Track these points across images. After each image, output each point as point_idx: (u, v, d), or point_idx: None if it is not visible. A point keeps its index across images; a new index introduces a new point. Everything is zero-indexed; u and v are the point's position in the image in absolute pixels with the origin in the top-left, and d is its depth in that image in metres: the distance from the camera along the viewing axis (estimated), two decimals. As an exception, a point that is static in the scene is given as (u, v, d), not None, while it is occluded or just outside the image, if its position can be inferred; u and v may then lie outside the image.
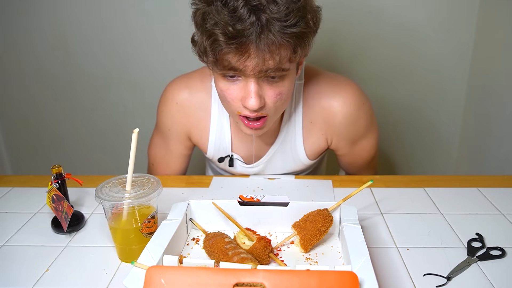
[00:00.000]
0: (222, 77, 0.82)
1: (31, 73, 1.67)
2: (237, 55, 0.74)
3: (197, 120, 1.03)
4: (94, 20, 1.56)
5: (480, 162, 1.53)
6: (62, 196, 0.80)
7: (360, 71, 1.58)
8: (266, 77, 0.79)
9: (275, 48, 0.74)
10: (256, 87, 0.79)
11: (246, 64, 0.75)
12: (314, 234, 0.72)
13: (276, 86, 0.81)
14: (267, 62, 0.75)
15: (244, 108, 0.82)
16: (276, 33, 0.72)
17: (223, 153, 1.04)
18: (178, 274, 0.54)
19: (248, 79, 0.79)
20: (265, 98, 0.81)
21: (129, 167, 0.72)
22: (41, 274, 0.70)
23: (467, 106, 1.61)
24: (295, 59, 0.78)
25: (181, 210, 0.77)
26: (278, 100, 0.83)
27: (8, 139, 1.82)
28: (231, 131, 1.02)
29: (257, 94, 0.79)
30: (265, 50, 0.73)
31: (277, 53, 0.75)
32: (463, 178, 1.03)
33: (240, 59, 0.75)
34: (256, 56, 0.74)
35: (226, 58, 0.76)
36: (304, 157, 1.03)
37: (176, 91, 1.02)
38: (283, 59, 0.76)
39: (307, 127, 1.00)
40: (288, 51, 0.76)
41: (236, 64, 0.76)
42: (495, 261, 0.71)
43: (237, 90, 0.81)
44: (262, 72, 0.77)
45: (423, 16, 1.50)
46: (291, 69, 0.81)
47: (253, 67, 0.75)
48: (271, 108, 0.83)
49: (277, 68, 0.77)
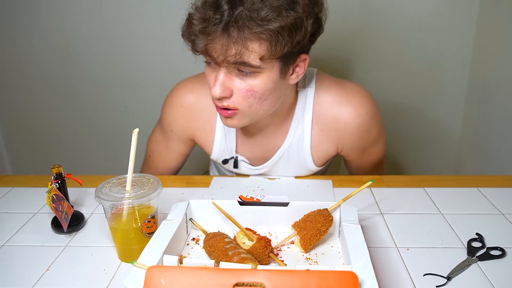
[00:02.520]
0: (206, 65, 0.85)
1: (31, 73, 1.67)
2: (204, 37, 0.77)
3: (202, 123, 1.03)
4: (95, 20, 1.56)
5: (480, 162, 1.53)
6: (62, 196, 0.80)
7: (360, 71, 1.59)
8: (235, 70, 0.80)
9: (240, 40, 0.75)
10: (222, 77, 0.80)
11: (213, 48, 0.77)
12: (314, 234, 0.72)
13: (246, 81, 0.80)
14: (229, 51, 0.76)
15: None
16: (244, 26, 0.73)
17: (227, 155, 1.04)
18: (178, 274, 0.54)
19: (219, 68, 0.80)
20: (233, 90, 0.82)
21: (129, 167, 0.72)
22: (41, 274, 0.70)
23: (467, 106, 1.61)
24: (265, 57, 0.77)
25: (181, 210, 0.77)
26: (250, 97, 0.82)
27: (8, 139, 1.82)
28: (237, 133, 1.02)
29: (221, 84, 0.80)
30: (229, 39, 0.75)
31: (241, 45, 0.75)
32: (463, 178, 1.03)
33: (207, 42, 0.77)
34: (219, 42, 0.76)
35: (199, 42, 0.78)
36: (311, 164, 1.02)
37: (182, 94, 1.03)
38: (247, 54, 0.76)
39: (317, 135, 0.99)
40: (258, 48, 0.76)
41: (206, 48, 0.78)
42: (495, 261, 0.71)
43: (212, 78, 0.83)
44: (227, 62, 0.78)
45: (423, 16, 1.50)
46: (265, 68, 0.79)
47: (219, 53, 0.77)
48: (240, 103, 0.83)
49: (240, 62, 0.77)
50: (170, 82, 1.08)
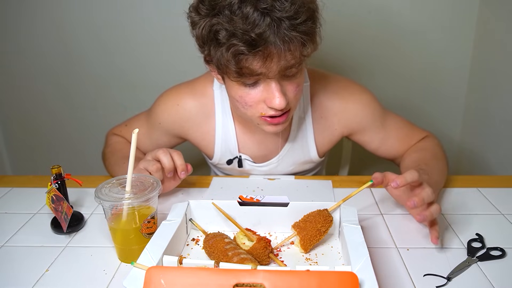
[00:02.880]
0: (239, 84, 0.81)
1: (31, 74, 1.67)
2: (261, 60, 0.74)
3: (197, 124, 1.03)
4: (95, 21, 1.56)
5: (480, 162, 1.53)
6: (61, 196, 0.80)
7: (359, 71, 1.58)
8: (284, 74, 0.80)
9: (292, 45, 0.74)
10: (278, 86, 0.80)
11: (271, 67, 0.76)
12: (314, 234, 0.72)
13: (294, 81, 0.83)
14: (288, 60, 0.76)
15: (269, 109, 0.83)
16: (288, 30, 0.73)
17: (230, 155, 1.05)
18: (178, 274, 0.54)
19: (269, 80, 0.79)
20: (287, 93, 0.82)
21: (129, 168, 0.72)
22: (41, 274, 0.70)
23: (467, 106, 1.61)
24: (308, 53, 0.79)
25: (181, 210, 0.77)
26: (298, 92, 0.85)
27: (8, 139, 1.82)
28: (237, 133, 1.02)
29: (281, 93, 0.80)
30: (285, 48, 0.74)
31: (294, 49, 0.75)
32: (463, 178, 1.03)
33: (265, 63, 0.75)
34: (278, 57, 0.75)
35: (250, 65, 0.75)
36: (314, 154, 1.05)
37: (179, 95, 1.03)
38: (300, 54, 0.77)
39: (319, 124, 1.02)
40: (302, 46, 0.77)
41: (261, 69, 0.76)
42: (495, 262, 0.71)
43: (258, 94, 0.82)
44: (283, 71, 0.78)
45: (423, 16, 1.50)
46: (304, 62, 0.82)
47: (277, 69, 0.76)
48: (292, 101, 0.85)
49: (296, 64, 0.78)
50: (169, 83, 1.08)
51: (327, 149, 1.07)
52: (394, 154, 1.06)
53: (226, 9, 0.72)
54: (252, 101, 0.83)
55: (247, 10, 0.71)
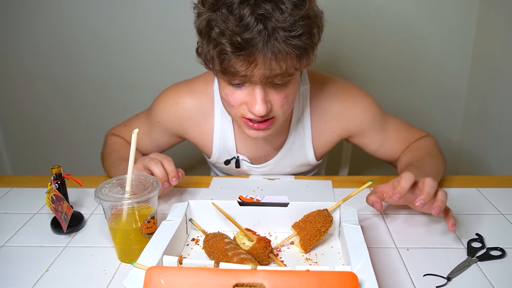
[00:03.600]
0: (227, 83, 0.82)
1: (31, 74, 1.67)
2: (245, 64, 0.74)
3: (196, 123, 1.03)
4: (95, 21, 1.56)
5: (480, 162, 1.53)
6: (61, 196, 0.80)
7: (360, 72, 1.58)
8: (271, 82, 0.79)
9: (282, 56, 0.74)
10: (262, 93, 0.79)
11: (254, 73, 0.75)
12: (314, 234, 0.72)
13: (282, 91, 0.82)
14: (273, 70, 0.75)
15: (249, 112, 0.83)
16: (282, 42, 0.72)
17: (227, 155, 1.05)
18: (178, 274, 0.54)
19: (254, 85, 0.79)
20: (272, 102, 0.82)
21: (129, 168, 0.72)
22: (40, 274, 0.70)
23: (467, 106, 1.61)
24: (301, 66, 0.78)
25: (180, 210, 0.77)
26: (285, 104, 0.84)
27: (8, 139, 1.82)
28: (235, 133, 1.02)
29: (264, 100, 0.80)
30: (272, 58, 0.73)
31: (283, 61, 0.75)
32: (463, 178, 1.03)
33: (248, 68, 0.75)
34: (263, 64, 0.74)
35: (233, 66, 0.76)
36: (312, 157, 1.04)
37: (178, 94, 1.03)
38: (289, 67, 0.76)
39: (317, 127, 1.02)
40: (293, 59, 0.76)
41: (243, 73, 0.76)
42: (495, 262, 0.71)
43: (242, 95, 0.82)
44: (268, 79, 0.77)
45: (423, 17, 1.50)
46: (296, 74, 0.82)
47: (260, 75, 0.76)
48: (277, 111, 0.84)
49: (283, 74, 0.77)
50: (168, 83, 1.08)
51: (325, 152, 1.07)
52: (393, 156, 1.06)
53: (226, 7, 0.72)
54: (235, 102, 0.83)
55: (243, 12, 0.71)
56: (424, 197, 0.72)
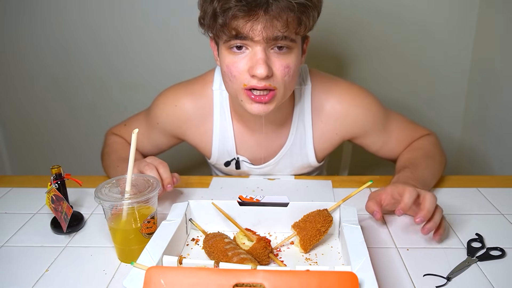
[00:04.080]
0: (228, 52, 0.82)
1: (31, 74, 1.67)
2: (246, 17, 0.75)
3: (195, 125, 1.03)
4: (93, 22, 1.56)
5: (480, 162, 1.53)
6: (61, 196, 0.80)
7: (360, 71, 1.58)
8: (272, 48, 0.80)
9: (283, 12, 0.75)
10: (263, 54, 0.79)
11: (254, 28, 0.76)
12: (314, 234, 0.72)
13: (283, 58, 0.81)
14: (275, 26, 0.76)
15: (251, 79, 0.81)
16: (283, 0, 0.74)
17: (227, 156, 1.04)
18: (177, 274, 0.54)
19: (255, 47, 0.79)
20: (273, 69, 0.81)
21: (128, 168, 0.72)
22: (40, 274, 0.70)
23: (467, 106, 1.61)
24: (300, 30, 0.79)
25: (180, 210, 0.77)
26: (286, 74, 0.83)
27: (8, 139, 1.82)
28: (235, 134, 1.02)
29: (265, 62, 0.79)
30: (273, 14, 0.75)
31: (284, 18, 0.76)
32: (463, 178, 1.03)
33: (248, 22, 0.76)
34: (264, 19, 0.75)
35: (235, 22, 0.77)
36: (313, 159, 1.04)
37: (177, 96, 1.02)
38: (290, 27, 0.77)
39: (318, 128, 1.01)
40: (294, 20, 0.77)
41: (244, 28, 0.77)
42: (495, 262, 0.71)
43: (244, 62, 0.81)
44: (269, 39, 0.78)
45: (423, 17, 1.50)
46: (297, 42, 0.82)
47: (261, 30, 0.76)
48: (279, 82, 0.83)
49: (284, 37, 0.78)
50: (168, 83, 1.08)
51: (326, 153, 1.06)
52: (395, 155, 1.06)
53: None
54: (237, 71, 0.82)
55: None
56: (424, 214, 0.73)
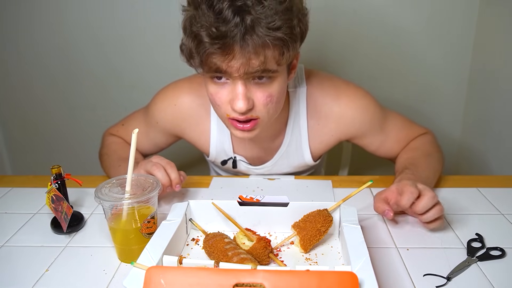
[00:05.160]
0: (211, 81, 0.82)
1: (31, 74, 1.67)
2: (222, 56, 0.74)
3: (194, 123, 1.03)
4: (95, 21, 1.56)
5: (480, 162, 1.53)
6: (61, 196, 0.80)
7: (359, 72, 1.58)
8: (253, 79, 0.79)
9: (260, 48, 0.74)
10: (243, 89, 0.78)
11: (231, 65, 0.75)
12: (314, 234, 0.72)
13: (265, 89, 0.81)
14: (252, 62, 0.75)
15: (233, 111, 0.82)
16: (260, 34, 0.72)
17: (224, 155, 1.05)
18: (178, 274, 0.54)
19: (235, 81, 0.79)
20: (254, 100, 0.81)
21: (128, 168, 0.72)
22: (40, 274, 0.70)
23: (467, 106, 1.61)
24: (281, 61, 0.78)
25: (180, 210, 0.77)
26: (269, 103, 0.82)
27: (8, 139, 1.82)
28: (231, 134, 1.02)
29: (245, 96, 0.79)
30: (250, 50, 0.73)
31: (262, 54, 0.74)
32: (463, 178, 1.03)
33: (225, 60, 0.75)
34: (240, 56, 0.74)
35: (211, 59, 0.76)
36: (309, 159, 1.04)
37: (176, 94, 1.02)
38: (268, 60, 0.76)
39: (314, 129, 1.00)
40: (274, 53, 0.76)
41: (221, 65, 0.76)
42: (495, 261, 0.71)
43: (225, 93, 0.81)
44: (248, 74, 0.76)
45: (423, 17, 1.50)
46: (279, 71, 0.80)
47: (238, 68, 0.75)
48: (261, 111, 0.83)
49: (263, 70, 0.76)
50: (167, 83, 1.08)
51: (322, 153, 1.06)
52: (393, 155, 1.06)
53: (206, 3, 0.73)
54: (219, 100, 0.82)
55: (222, 6, 0.71)
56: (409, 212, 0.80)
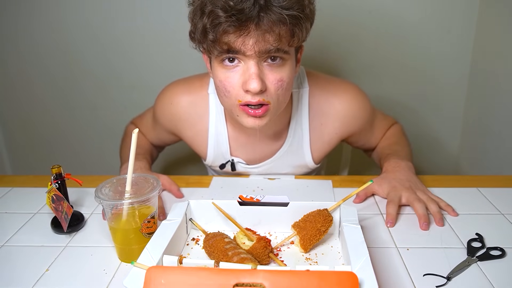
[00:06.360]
0: (221, 67, 0.81)
1: (31, 74, 1.67)
2: (237, 32, 0.74)
3: (191, 124, 1.03)
4: (93, 21, 1.56)
5: (480, 162, 1.53)
6: (62, 196, 0.80)
7: (359, 71, 1.58)
8: (265, 61, 0.79)
9: (275, 25, 0.74)
10: (256, 69, 0.78)
11: (246, 43, 0.75)
12: (314, 234, 0.72)
13: (277, 72, 0.80)
14: (267, 40, 0.75)
15: (245, 94, 0.80)
16: (274, 12, 0.73)
17: (222, 159, 1.05)
18: (178, 274, 0.54)
19: (248, 62, 0.78)
20: (266, 82, 0.80)
21: (129, 167, 0.72)
22: (41, 274, 0.70)
23: (467, 106, 1.61)
24: (293, 42, 0.78)
25: (181, 210, 0.77)
26: (280, 88, 0.82)
27: (8, 139, 1.82)
28: (229, 137, 1.02)
29: (258, 76, 0.78)
30: (265, 27, 0.74)
31: (276, 30, 0.75)
32: (463, 178, 1.03)
33: (240, 37, 0.75)
34: (255, 33, 0.74)
35: (226, 37, 0.76)
36: (309, 159, 1.04)
37: (174, 93, 1.03)
38: (282, 39, 0.76)
39: (317, 130, 1.01)
40: (286, 33, 0.76)
41: (235, 43, 0.76)
42: (495, 261, 0.71)
43: (237, 77, 0.80)
44: (262, 53, 0.77)
45: (423, 16, 1.50)
46: (290, 55, 0.81)
47: (252, 45, 0.75)
48: (272, 95, 0.82)
49: (276, 49, 0.77)
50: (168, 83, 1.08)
51: (324, 154, 1.06)
52: (373, 146, 1.13)
53: None
54: (230, 86, 0.81)
55: None
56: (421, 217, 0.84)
